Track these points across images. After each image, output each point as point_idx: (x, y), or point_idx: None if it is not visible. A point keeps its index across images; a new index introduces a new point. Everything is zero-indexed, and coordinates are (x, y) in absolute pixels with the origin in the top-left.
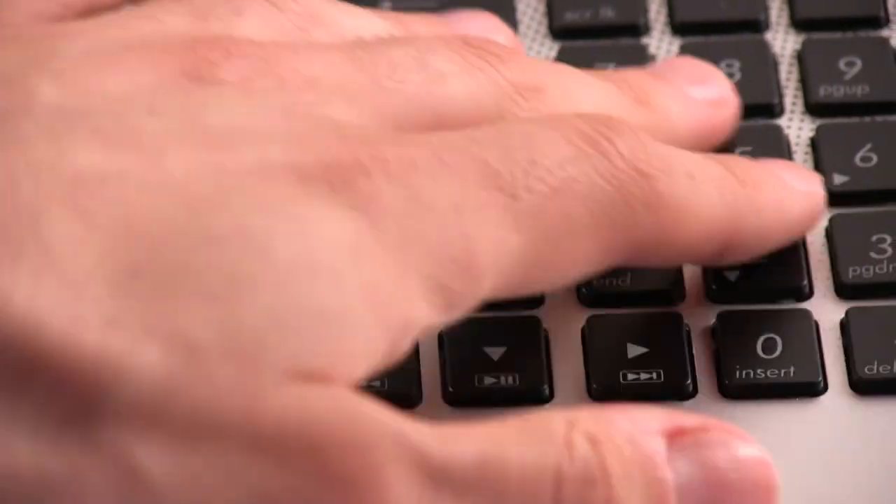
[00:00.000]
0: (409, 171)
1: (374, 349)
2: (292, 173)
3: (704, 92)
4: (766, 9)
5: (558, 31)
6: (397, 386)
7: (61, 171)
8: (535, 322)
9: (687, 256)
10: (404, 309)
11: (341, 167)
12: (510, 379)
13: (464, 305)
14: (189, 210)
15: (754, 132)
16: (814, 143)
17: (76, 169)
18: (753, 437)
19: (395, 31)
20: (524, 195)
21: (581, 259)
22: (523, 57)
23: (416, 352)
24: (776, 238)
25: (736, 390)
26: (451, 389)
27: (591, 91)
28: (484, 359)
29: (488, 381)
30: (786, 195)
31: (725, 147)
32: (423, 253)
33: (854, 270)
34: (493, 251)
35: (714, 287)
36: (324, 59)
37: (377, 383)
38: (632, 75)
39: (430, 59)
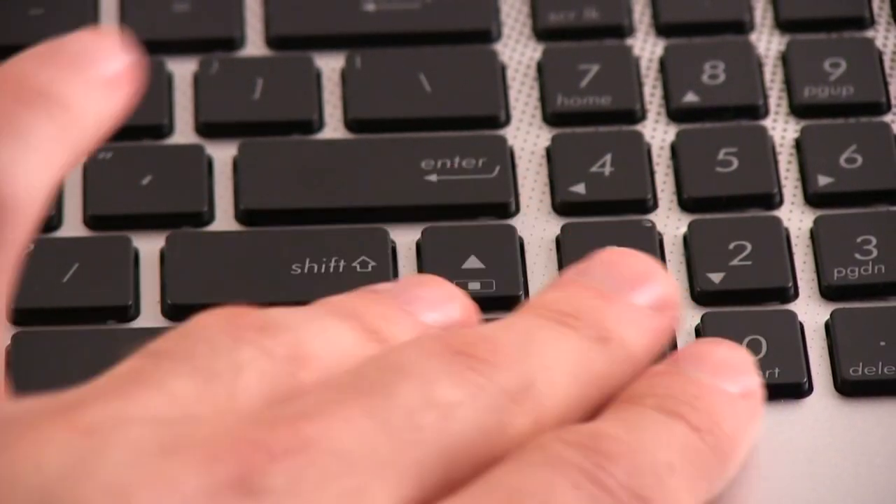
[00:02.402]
0: None
1: None
2: None
3: (647, 297)
4: (750, 9)
5: (542, 33)
6: None
7: None
8: None
9: None
10: None
11: None
12: None
13: None
14: None
15: (739, 133)
16: (798, 145)
17: None
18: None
19: (355, 335)
20: None
21: None
22: (498, 341)
23: None
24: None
25: None
26: None
27: (566, 350)
28: None
29: None
30: (735, 413)
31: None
32: None
33: (839, 272)
34: None
35: (699, 289)
36: (344, 423)
37: None
38: (593, 308)
39: (437, 390)
